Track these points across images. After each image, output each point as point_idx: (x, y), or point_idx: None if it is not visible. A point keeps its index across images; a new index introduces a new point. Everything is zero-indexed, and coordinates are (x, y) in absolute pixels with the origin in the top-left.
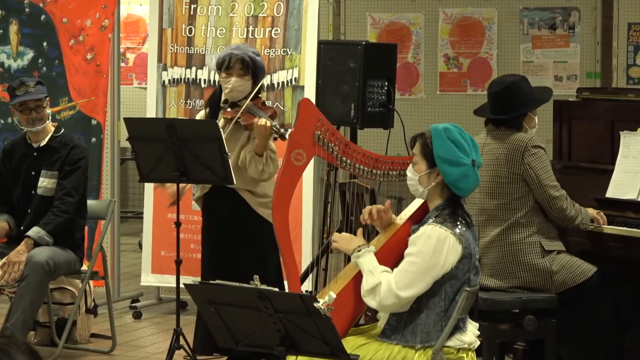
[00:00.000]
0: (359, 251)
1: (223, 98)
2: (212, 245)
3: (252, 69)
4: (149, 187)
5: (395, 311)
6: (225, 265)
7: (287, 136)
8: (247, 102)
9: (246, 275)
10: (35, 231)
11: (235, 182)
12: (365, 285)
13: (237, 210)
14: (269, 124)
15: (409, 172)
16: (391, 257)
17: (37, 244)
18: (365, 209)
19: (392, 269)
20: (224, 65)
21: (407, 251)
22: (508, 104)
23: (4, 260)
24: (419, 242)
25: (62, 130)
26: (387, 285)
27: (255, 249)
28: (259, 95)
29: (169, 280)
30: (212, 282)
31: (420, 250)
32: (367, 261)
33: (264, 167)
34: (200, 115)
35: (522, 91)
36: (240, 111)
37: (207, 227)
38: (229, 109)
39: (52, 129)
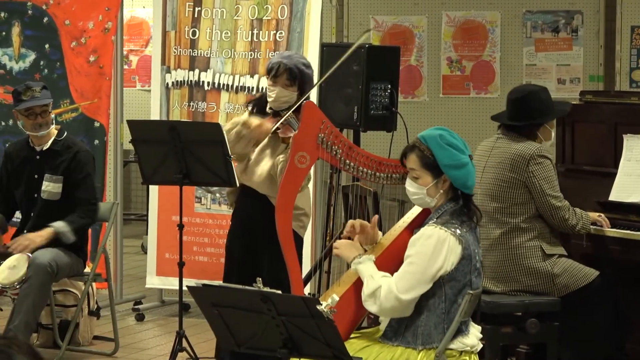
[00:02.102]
0: (359, 258)
1: (269, 104)
2: (237, 249)
3: (300, 80)
4: (153, 189)
5: (397, 315)
6: (249, 271)
7: None
8: (289, 113)
9: (267, 284)
10: (59, 224)
11: (267, 190)
12: (366, 289)
13: (266, 217)
14: None
15: (412, 187)
16: (392, 262)
17: (58, 237)
18: (349, 222)
19: (393, 273)
20: (272, 73)
21: (406, 253)
22: (524, 111)
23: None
24: (419, 243)
25: (65, 133)
26: (387, 288)
27: (279, 259)
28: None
29: (174, 283)
30: (215, 284)
31: (419, 252)
32: (367, 268)
33: None
34: (245, 114)
35: (540, 101)
36: (280, 122)
37: (235, 229)
38: (272, 116)
39: (55, 132)
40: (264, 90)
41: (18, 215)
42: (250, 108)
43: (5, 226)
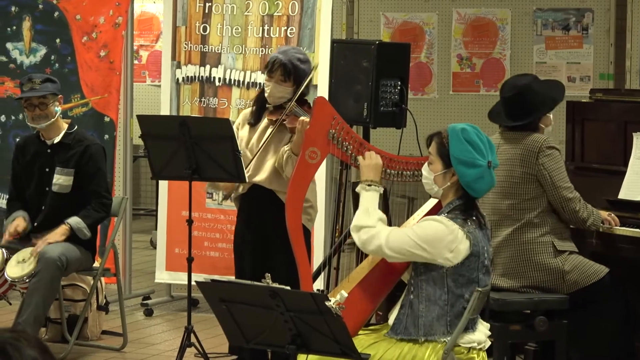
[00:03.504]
0: (369, 185)
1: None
2: (247, 245)
3: (294, 75)
4: (163, 184)
5: (373, 255)
6: (260, 266)
7: None
8: (291, 104)
9: (278, 278)
10: (75, 221)
11: (275, 185)
12: (357, 220)
13: (274, 213)
14: None
15: (425, 170)
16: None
17: (74, 233)
18: None
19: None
20: (268, 68)
21: (414, 222)
22: (522, 109)
23: (42, 241)
24: (428, 221)
25: (76, 127)
26: (376, 233)
27: (288, 253)
28: (306, 99)
29: (183, 278)
30: (224, 280)
31: (425, 226)
32: (370, 198)
33: None
34: (245, 112)
35: (535, 94)
36: (285, 112)
37: (242, 228)
38: (273, 110)
39: (65, 126)
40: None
41: None
42: (253, 107)
43: (29, 222)
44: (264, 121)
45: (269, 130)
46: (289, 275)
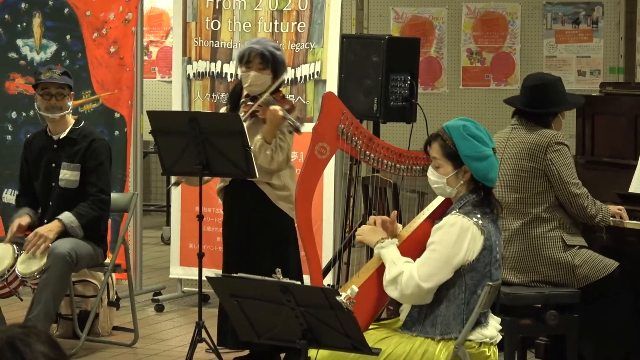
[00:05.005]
0: (382, 242)
1: (244, 92)
2: (233, 238)
3: (272, 63)
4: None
5: (417, 302)
6: (246, 259)
7: (301, 130)
8: (266, 95)
9: (266, 269)
10: (69, 219)
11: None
12: (388, 275)
13: (257, 203)
14: (281, 112)
15: (433, 176)
16: (414, 251)
17: (66, 230)
18: (370, 218)
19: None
20: (244, 60)
21: (429, 240)
22: (542, 99)
23: (33, 234)
24: (441, 231)
25: (82, 122)
26: (409, 274)
27: (275, 244)
28: (280, 89)
29: (197, 273)
30: (234, 275)
31: (442, 239)
32: (390, 252)
33: (272, 155)
34: (223, 109)
35: (558, 91)
36: (258, 103)
37: (227, 220)
38: (249, 102)
39: (72, 121)
40: (239, 77)
41: None
42: (227, 104)
43: (35, 218)
44: (241, 114)
45: (246, 123)
46: (275, 267)
